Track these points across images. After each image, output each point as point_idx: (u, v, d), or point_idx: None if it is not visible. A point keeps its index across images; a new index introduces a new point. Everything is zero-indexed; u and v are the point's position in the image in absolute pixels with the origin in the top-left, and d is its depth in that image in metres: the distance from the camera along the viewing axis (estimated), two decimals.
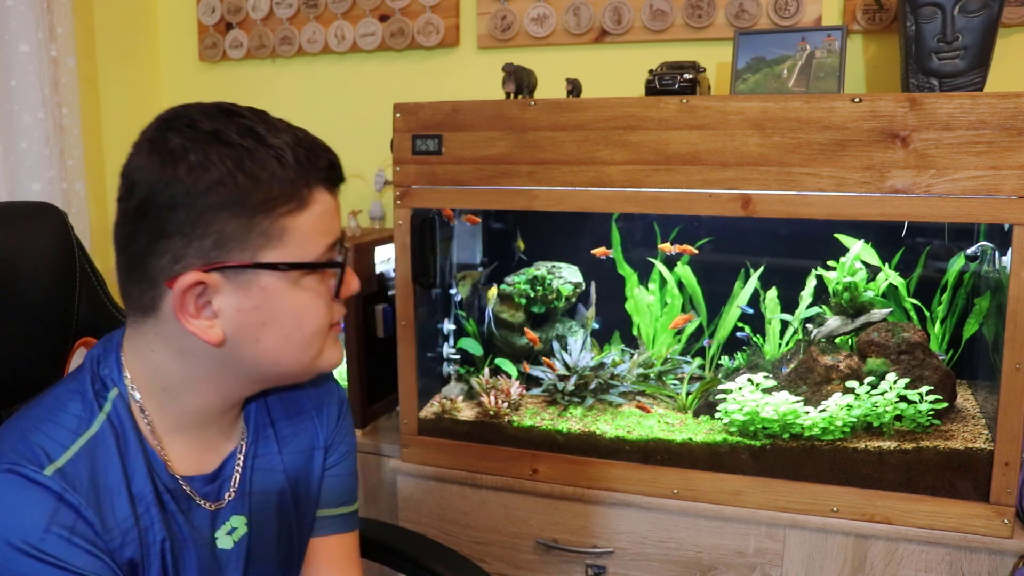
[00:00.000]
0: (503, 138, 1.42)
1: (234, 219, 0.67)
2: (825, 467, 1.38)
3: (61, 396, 0.73)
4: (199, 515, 0.77)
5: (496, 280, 1.75)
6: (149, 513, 0.72)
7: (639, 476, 1.45)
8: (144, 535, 0.72)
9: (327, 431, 0.91)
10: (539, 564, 1.53)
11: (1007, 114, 1.18)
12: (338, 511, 0.94)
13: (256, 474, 0.83)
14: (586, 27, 1.88)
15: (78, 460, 0.69)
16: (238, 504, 0.81)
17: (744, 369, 1.56)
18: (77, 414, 0.71)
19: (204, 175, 0.66)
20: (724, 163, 1.31)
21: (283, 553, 0.86)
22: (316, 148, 0.71)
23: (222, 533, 0.79)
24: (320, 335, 0.75)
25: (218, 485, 0.80)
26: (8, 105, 1.79)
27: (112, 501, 0.69)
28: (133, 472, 0.72)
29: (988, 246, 1.41)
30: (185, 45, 2.30)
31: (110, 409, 0.73)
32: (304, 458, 0.88)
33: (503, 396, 1.59)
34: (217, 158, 0.66)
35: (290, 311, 0.71)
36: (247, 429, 0.84)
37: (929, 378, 1.39)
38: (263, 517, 0.83)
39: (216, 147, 0.66)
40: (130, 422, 0.73)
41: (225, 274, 0.68)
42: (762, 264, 1.59)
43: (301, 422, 0.89)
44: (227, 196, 0.66)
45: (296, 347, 0.73)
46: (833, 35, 1.49)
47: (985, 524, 1.28)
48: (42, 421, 0.71)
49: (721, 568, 1.42)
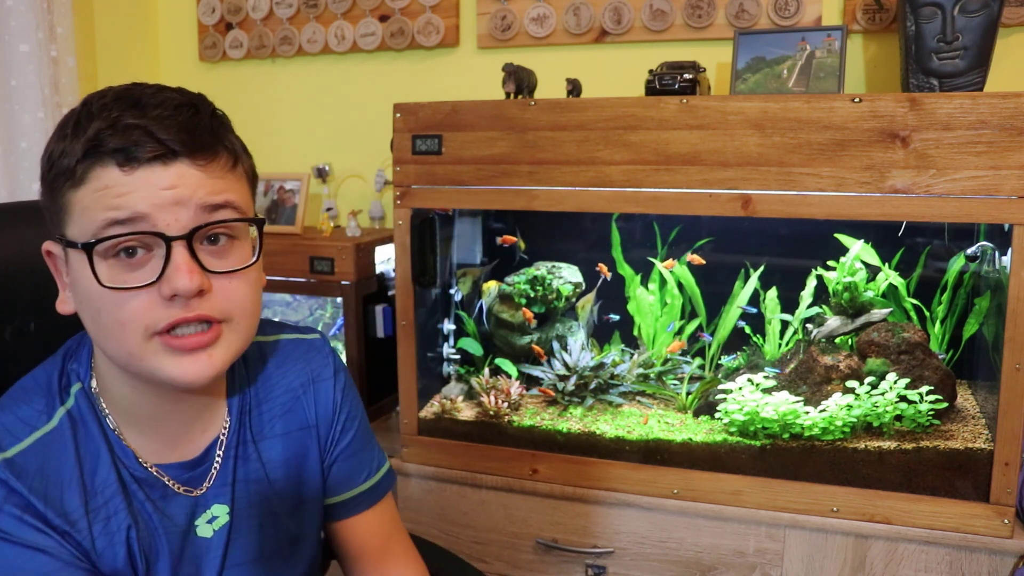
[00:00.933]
0: (503, 138, 1.42)
1: (46, 192, 0.70)
2: (825, 467, 1.38)
3: (27, 388, 0.75)
4: (176, 503, 0.77)
5: (496, 277, 1.74)
6: (111, 503, 0.72)
7: (639, 476, 1.45)
8: (106, 524, 0.72)
9: (325, 410, 0.87)
10: (539, 564, 1.53)
11: (1007, 114, 1.18)
12: (363, 487, 0.91)
13: (240, 462, 0.81)
14: (586, 27, 1.88)
15: (28, 452, 0.70)
16: (220, 493, 0.79)
17: (744, 369, 1.56)
18: (38, 408, 0.73)
19: (49, 146, 0.69)
20: (724, 163, 1.31)
21: (269, 543, 0.83)
22: (124, 124, 0.66)
23: (202, 522, 0.78)
24: (126, 331, 0.67)
25: (200, 473, 0.78)
26: (8, 105, 1.79)
27: (62, 493, 0.70)
28: (92, 465, 0.73)
29: (988, 246, 1.41)
30: (185, 45, 2.30)
31: (72, 404, 0.74)
32: (296, 440, 0.85)
33: (503, 396, 1.59)
34: (58, 134, 0.69)
35: (83, 294, 0.69)
36: (229, 416, 0.81)
37: (929, 378, 1.39)
38: (246, 506, 0.81)
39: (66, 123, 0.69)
40: (91, 415, 0.74)
41: (61, 247, 0.70)
42: (762, 264, 1.59)
43: (288, 402, 0.85)
44: (42, 168, 0.70)
45: (106, 337, 0.68)
46: (833, 35, 1.49)
47: (985, 524, 1.28)
48: (3, 410, 0.73)
49: (721, 568, 1.42)
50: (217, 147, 0.70)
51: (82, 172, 0.66)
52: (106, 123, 0.66)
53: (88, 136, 0.66)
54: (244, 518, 0.81)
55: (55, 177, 0.68)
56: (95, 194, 0.66)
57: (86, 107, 0.68)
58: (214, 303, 0.68)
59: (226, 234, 0.70)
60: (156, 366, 0.68)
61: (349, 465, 0.90)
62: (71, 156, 0.66)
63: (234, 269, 0.70)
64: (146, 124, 0.66)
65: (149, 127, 0.66)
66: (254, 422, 0.83)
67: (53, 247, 0.72)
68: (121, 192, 0.65)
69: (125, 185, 0.66)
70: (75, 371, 0.76)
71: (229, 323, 0.70)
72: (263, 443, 0.83)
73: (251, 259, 0.72)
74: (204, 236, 0.68)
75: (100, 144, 0.66)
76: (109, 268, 0.66)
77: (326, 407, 0.87)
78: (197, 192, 0.67)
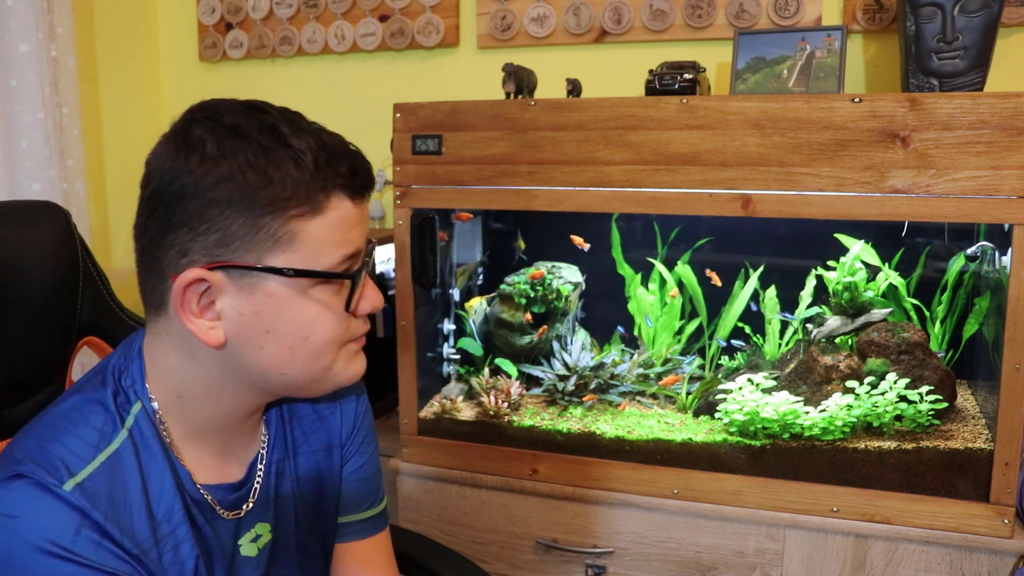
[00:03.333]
0: (503, 138, 1.42)
1: (240, 217, 0.64)
2: (825, 467, 1.38)
3: (81, 407, 0.70)
4: (221, 525, 0.75)
5: (491, 279, 1.74)
6: (179, 530, 0.70)
7: (639, 476, 1.45)
8: (175, 553, 0.69)
9: (346, 428, 0.88)
10: (539, 564, 1.53)
11: (1007, 114, 1.18)
12: (366, 514, 0.92)
13: (279, 478, 0.81)
14: (586, 27, 1.88)
15: (97, 477, 0.66)
16: (262, 511, 0.79)
17: (744, 369, 1.56)
18: (99, 428, 0.69)
19: (214, 168, 0.64)
20: (724, 163, 1.31)
21: (302, 557, 0.84)
22: (340, 153, 0.68)
23: (246, 541, 0.78)
24: (331, 348, 0.71)
25: (243, 494, 0.77)
26: (8, 105, 1.79)
27: (132, 520, 0.67)
28: (158, 490, 0.70)
29: (988, 246, 1.41)
30: (185, 45, 2.30)
31: (132, 424, 0.70)
32: (322, 457, 0.86)
33: (503, 396, 1.59)
34: (231, 152, 0.64)
35: (296, 321, 0.68)
36: (267, 432, 0.82)
37: (929, 378, 1.39)
38: (285, 522, 0.81)
39: (232, 141, 0.64)
40: (154, 437, 0.71)
41: (229, 274, 0.66)
42: (762, 264, 1.59)
43: (317, 419, 0.86)
44: (235, 192, 0.64)
45: (303, 359, 0.70)
46: (833, 35, 1.49)
47: (985, 524, 1.28)
48: (61, 431, 0.68)
49: (721, 568, 1.42)
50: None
51: (323, 201, 0.67)
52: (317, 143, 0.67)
53: (317, 161, 0.66)
54: (284, 534, 0.81)
55: (280, 201, 0.65)
56: (331, 226, 0.67)
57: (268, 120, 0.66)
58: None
59: None
60: (340, 371, 0.73)
61: (356, 488, 0.90)
62: (297, 181, 0.65)
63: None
64: (351, 155, 0.69)
65: (355, 159, 0.69)
66: (288, 438, 0.83)
67: (209, 275, 0.66)
68: (350, 226, 0.69)
69: (353, 219, 0.69)
70: (131, 388, 0.72)
71: None
72: (296, 459, 0.84)
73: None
74: None
75: (335, 171, 0.67)
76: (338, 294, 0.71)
77: (348, 425, 0.89)
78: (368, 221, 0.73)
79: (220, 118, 0.66)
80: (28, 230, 0.90)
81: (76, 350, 0.96)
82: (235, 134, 0.65)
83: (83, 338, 0.96)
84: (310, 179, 0.65)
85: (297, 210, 0.65)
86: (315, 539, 0.86)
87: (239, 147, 0.64)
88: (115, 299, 0.99)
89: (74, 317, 0.94)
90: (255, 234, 0.65)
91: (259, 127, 0.65)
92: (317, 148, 0.66)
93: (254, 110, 0.67)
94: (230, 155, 0.64)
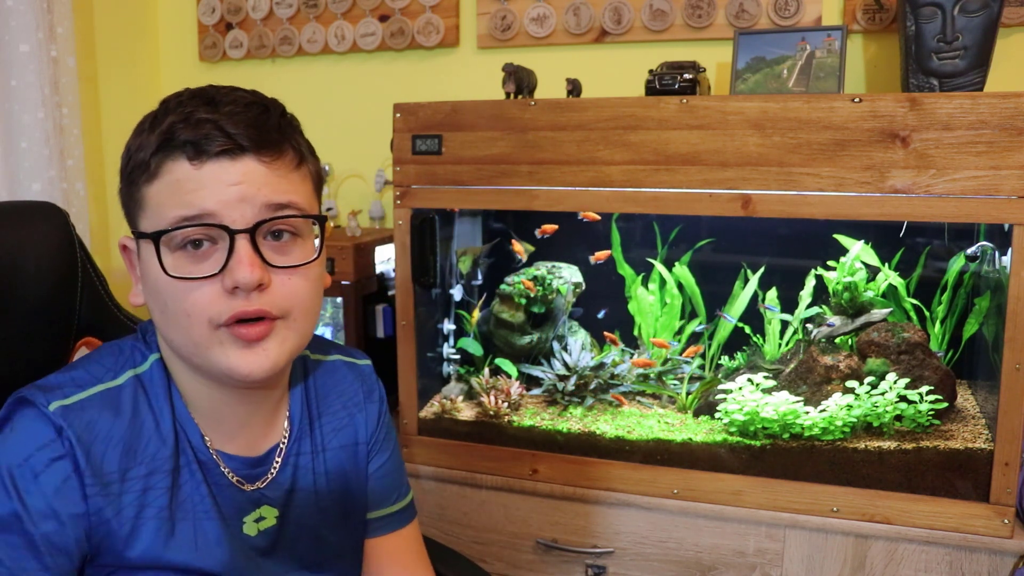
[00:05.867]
0: (503, 138, 1.42)
1: (124, 187, 0.72)
2: (825, 467, 1.38)
3: (103, 350, 0.77)
4: (230, 491, 0.77)
5: (495, 278, 1.74)
6: (153, 477, 0.72)
7: (639, 476, 1.45)
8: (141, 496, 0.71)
9: (371, 427, 0.90)
10: (539, 564, 1.53)
11: (1007, 114, 1.18)
12: (392, 508, 0.93)
13: (297, 471, 0.82)
14: (586, 27, 1.88)
15: (88, 403, 0.71)
16: (272, 496, 0.80)
17: (744, 369, 1.56)
18: (107, 366, 0.75)
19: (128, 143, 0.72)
20: (724, 163, 1.31)
21: (310, 554, 0.84)
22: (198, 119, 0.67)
23: (249, 520, 0.79)
24: (192, 321, 0.68)
25: (259, 472, 0.80)
26: (8, 105, 1.79)
27: (104, 451, 0.70)
28: (149, 435, 0.73)
29: (988, 246, 1.41)
30: (185, 45, 2.30)
31: (145, 369, 0.75)
32: (348, 453, 0.88)
33: (503, 396, 1.59)
34: (136, 130, 0.71)
35: (150, 286, 0.71)
36: (291, 425, 0.83)
37: (929, 378, 1.39)
38: (297, 515, 0.82)
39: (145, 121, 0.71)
40: (163, 386, 0.75)
41: (136, 240, 0.72)
42: (761, 264, 1.58)
43: (345, 417, 0.88)
44: (124, 165, 0.72)
45: (172, 327, 0.70)
46: (833, 35, 1.49)
47: (985, 524, 1.28)
48: (75, 367, 0.75)
49: (721, 568, 1.42)
50: (284, 145, 0.71)
51: (156, 166, 0.69)
52: (179, 117, 0.68)
53: (162, 129, 0.68)
54: (291, 526, 0.82)
55: (132, 171, 0.71)
56: (167, 189, 0.69)
57: (163, 105, 0.71)
58: (274, 298, 0.70)
59: (289, 231, 0.71)
60: (218, 357, 0.70)
61: (381, 484, 0.92)
62: (146, 150, 0.70)
63: (295, 264, 0.71)
64: (216, 119, 0.68)
65: (219, 122, 0.68)
66: (315, 434, 0.85)
67: (128, 241, 0.75)
68: (191, 188, 0.68)
69: (194, 181, 0.68)
70: (152, 343, 0.77)
71: (286, 319, 0.71)
72: (319, 456, 0.85)
73: (313, 256, 0.73)
74: (267, 231, 0.70)
75: (172, 137, 0.68)
76: (176, 259, 0.69)
77: (372, 425, 0.91)
78: (262, 190, 0.69)
79: (168, 99, 0.71)
80: (27, 230, 0.90)
81: (74, 350, 0.96)
82: (153, 114, 0.71)
83: (81, 338, 0.96)
84: (154, 144, 0.69)
85: (143, 177, 0.70)
86: (345, 536, 0.88)
87: (140, 126, 0.71)
88: (113, 300, 1.00)
89: (72, 317, 0.94)
90: (132, 203, 0.72)
91: (173, 104, 0.70)
92: (183, 118, 0.68)
93: (201, 90, 0.71)
94: (135, 133, 0.72)
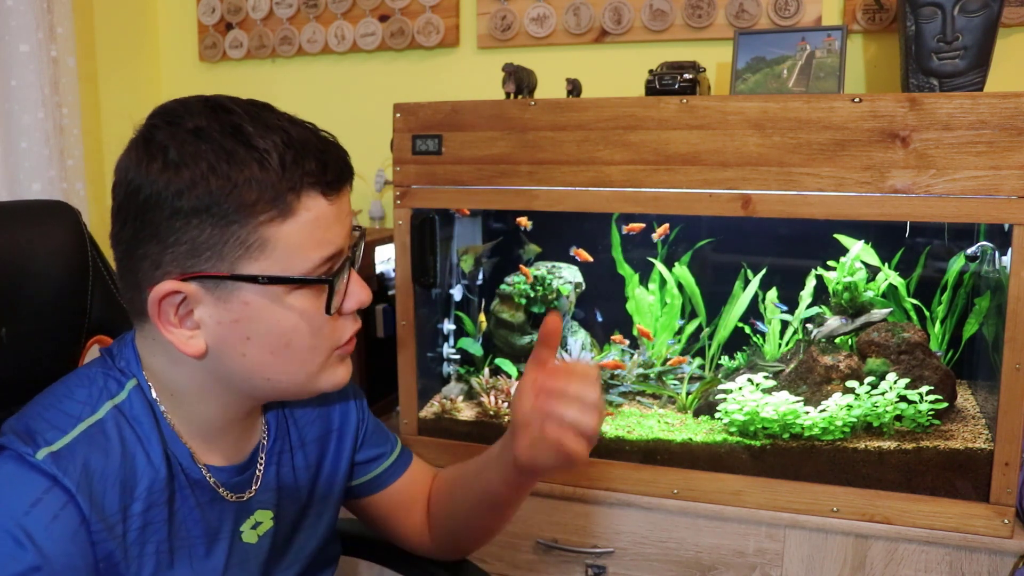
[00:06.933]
0: (503, 138, 1.42)
1: (207, 226, 0.62)
2: (825, 467, 1.38)
3: (70, 384, 0.71)
4: (223, 507, 0.75)
5: (495, 277, 1.74)
6: (151, 512, 0.69)
7: (639, 476, 1.45)
8: (141, 533, 0.68)
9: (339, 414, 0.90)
10: (539, 564, 1.53)
11: (1007, 114, 1.18)
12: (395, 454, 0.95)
13: (280, 468, 0.82)
14: (586, 27, 1.88)
15: (75, 445, 0.65)
16: (264, 499, 0.79)
17: (744, 369, 1.56)
18: (81, 400, 0.69)
19: (176, 177, 0.62)
20: (724, 163, 1.31)
21: (306, 547, 0.85)
22: (309, 147, 0.64)
23: (247, 527, 0.78)
24: (316, 353, 0.69)
25: (247, 478, 0.78)
26: (8, 105, 1.79)
27: (105, 490, 0.66)
28: (142, 467, 0.68)
29: (988, 246, 1.41)
30: (185, 45, 2.30)
31: (123, 399, 0.70)
32: (322, 446, 0.87)
33: (503, 396, 1.59)
34: (192, 158, 0.62)
35: (274, 328, 0.66)
36: (267, 423, 0.82)
37: (929, 378, 1.39)
38: (287, 512, 0.82)
39: (193, 146, 0.62)
40: (146, 413, 0.70)
41: (204, 284, 0.64)
42: (762, 264, 1.58)
43: (316, 409, 0.87)
44: (199, 200, 0.61)
45: (287, 364, 0.68)
46: (833, 35, 1.49)
47: (985, 524, 1.28)
48: (47, 408, 0.68)
49: (721, 568, 1.42)
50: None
51: (292, 204, 0.63)
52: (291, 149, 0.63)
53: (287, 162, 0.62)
54: (286, 523, 0.82)
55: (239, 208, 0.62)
56: (306, 229, 0.64)
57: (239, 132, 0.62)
58: None
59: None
60: (328, 378, 0.72)
61: (376, 439, 0.93)
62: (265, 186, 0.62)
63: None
64: (326, 148, 0.66)
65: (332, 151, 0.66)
66: (291, 428, 0.84)
67: (185, 287, 0.64)
68: (326, 225, 0.65)
69: (329, 217, 0.65)
70: (127, 368, 0.71)
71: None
72: (297, 450, 0.84)
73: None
74: None
75: (305, 171, 0.63)
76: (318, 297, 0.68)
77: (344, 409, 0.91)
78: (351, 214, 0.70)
79: (181, 122, 0.63)
80: (38, 230, 0.90)
81: (86, 349, 0.96)
82: (197, 138, 0.62)
83: (93, 336, 0.97)
84: (276, 180, 0.62)
85: (266, 215, 0.63)
86: (317, 526, 0.87)
87: (201, 152, 0.62)
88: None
89: (84, 315, 0.94)
90: (224, 243, 0.63)
91: (221, 129, 0.63)
92: (283, 146, 0.63)
93: (217, 109, 0.64)
94: (191, 162, 0.61)
